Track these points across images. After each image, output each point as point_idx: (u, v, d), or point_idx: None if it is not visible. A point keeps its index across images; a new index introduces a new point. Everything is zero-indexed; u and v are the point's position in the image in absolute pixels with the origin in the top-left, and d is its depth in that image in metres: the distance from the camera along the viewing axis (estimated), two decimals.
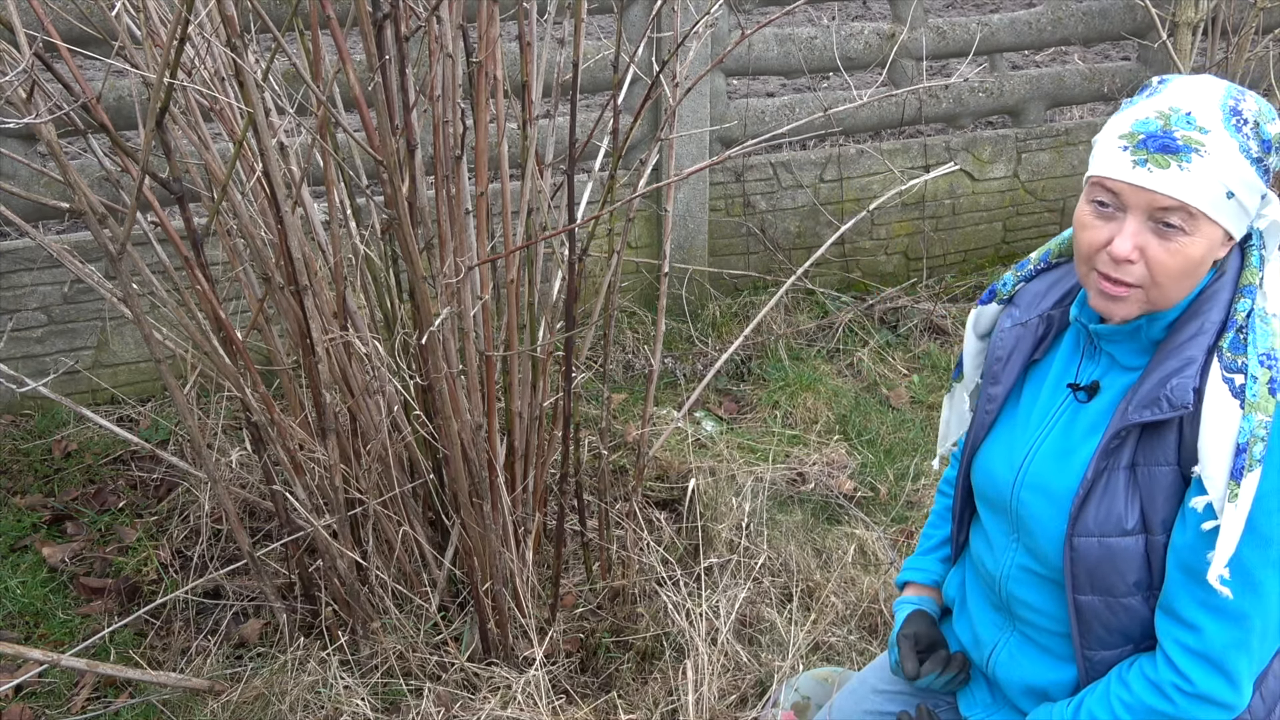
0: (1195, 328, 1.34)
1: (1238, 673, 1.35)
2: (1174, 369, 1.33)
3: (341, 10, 3.25)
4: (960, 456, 1.66)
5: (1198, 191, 1.28)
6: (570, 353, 2.21)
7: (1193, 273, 1.33)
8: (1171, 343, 1.36)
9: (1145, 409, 1.33)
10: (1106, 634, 1.44)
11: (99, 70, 5.16)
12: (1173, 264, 1.31)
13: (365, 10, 1.65)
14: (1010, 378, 1.54)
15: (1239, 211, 1.32)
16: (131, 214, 1.80)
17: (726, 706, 2.23)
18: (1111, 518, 1.37)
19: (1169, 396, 1.31)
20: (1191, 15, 4.15)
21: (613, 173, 2.18)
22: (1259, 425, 1.26)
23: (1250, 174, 1.31)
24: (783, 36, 4.05)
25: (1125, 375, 1.43)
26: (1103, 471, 1.38)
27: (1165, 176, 1.28)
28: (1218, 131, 1.29)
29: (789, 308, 4.16)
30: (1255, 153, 1.31)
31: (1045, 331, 1.53)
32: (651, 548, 2.51)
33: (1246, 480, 1.26)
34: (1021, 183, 4.67)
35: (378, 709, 2.19)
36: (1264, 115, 1.33)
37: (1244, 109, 1.31)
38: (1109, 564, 1.38)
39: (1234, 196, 1.30)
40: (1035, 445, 1.49)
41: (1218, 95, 1.32)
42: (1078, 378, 1.48)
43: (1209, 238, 1.31)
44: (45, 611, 2.63)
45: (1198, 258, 1.32)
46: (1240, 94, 1.33)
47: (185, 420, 2.11)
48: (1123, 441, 1.37)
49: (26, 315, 3.34)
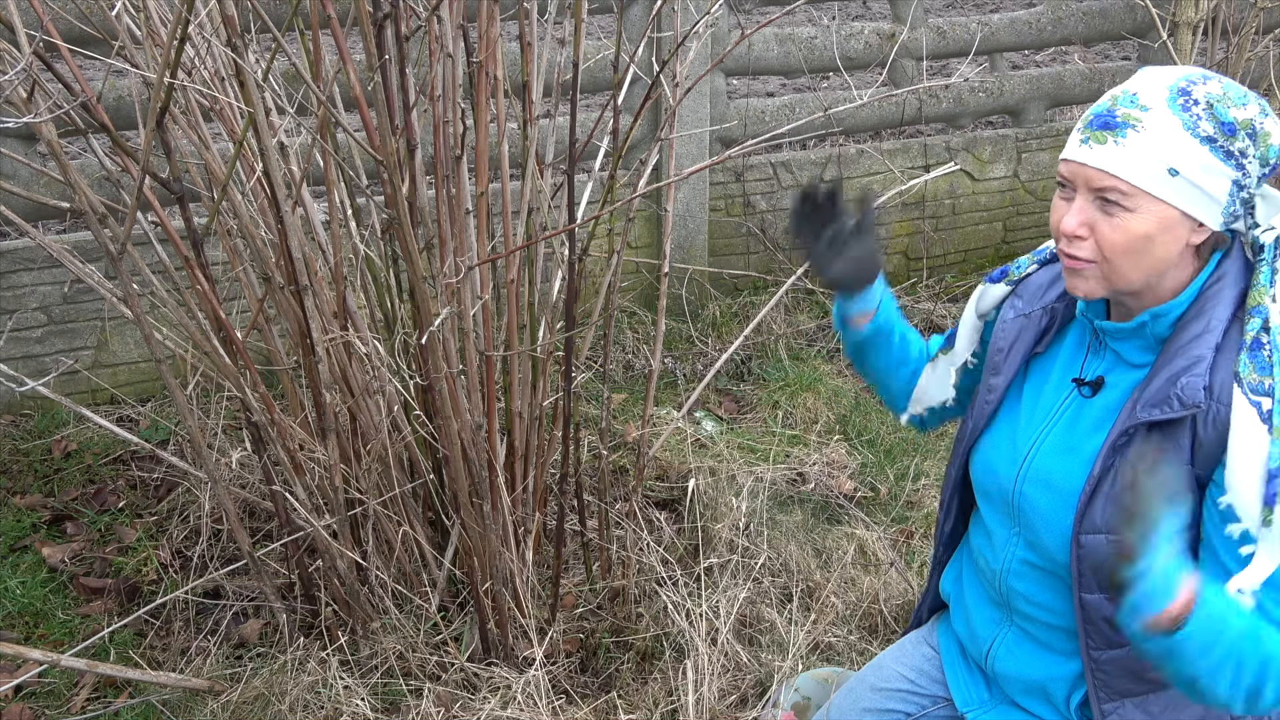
0: (1201, 325, 1.33)
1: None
2: (1183, 367, 1.32)
3: (342, 10, 3.25)
4: (955, 447, 1.66)
5: (1130, 166, 1.29)
6: (570, 353, 2.21)
7: (1144, 251, 1.32)
8: (1178, 340, 1.35)
9: (1154, 407, 1.32)
10: (1112, 632, 1.43)
11: (99, 70, 5.16)
12: (1117, 240, 1.31)
13: (365, 10, 1.65)
14: (1012, 369, 1.54)
15: (1194, 193, 1.29)
16: (132, 214, 1.80)
17: (726, 707, 2.23)
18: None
19: (1180, 395, 1.30)
20: (1191, 15, 4.15)
21: (613, 173, 2.18)
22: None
23: (1202, 153, 1.28)
24: (783, 36, 4.05)
25: (1131, 372, 1.42)
26: (1110, 468, 1.37)
27: (1101, 152, 1.30)
28: (1159, 109, 1.29)
29: (789, 308, 4.16)
30: (1207, 132, 1.28)
31: (1049, 324, 1.53)
32: (651, 548, 2.51)
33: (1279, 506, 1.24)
34: (1022, 183, 4.68)
35: (378, 709, 2.19)
36: (1226, 99, 1.29)
37: (1196, 90, 1.29)
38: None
39: (1179, 174, 1.28)
40: (1039, 439, 1.48)
41: (1171, 78, 1.31)
42: (1083, 372, 1.47)
43: (1157, 216, 1.30)
44: (45, 611, 2.63)
45: (1143, 234, 1.31)
46: (1203, 78, 1.31)
47: (185, 420, 2.11)
48: (1130, 439, 1.36)
49: (26, 315, 3.34)
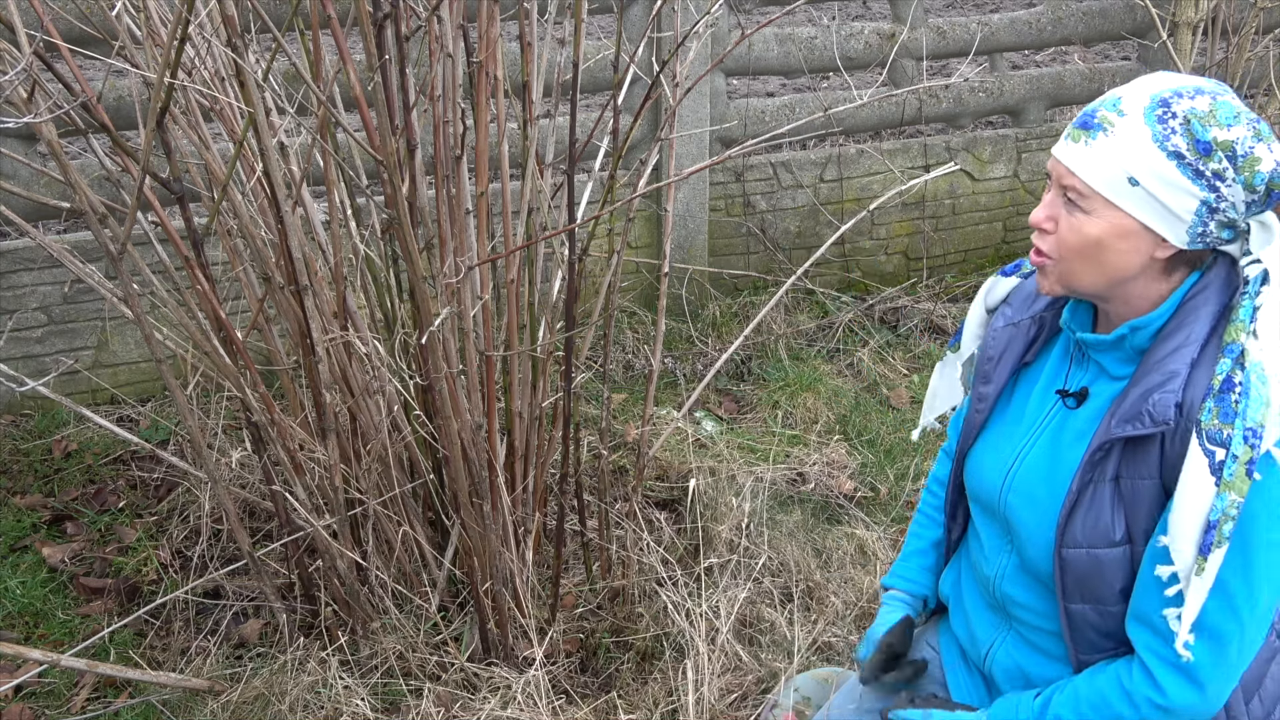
0: (1180, 339, 1.32)
1: (1213, 682, 1.33)
2: (1157, 383, 1.31)
3: (342, 10, 3.25)
4: (952, 453, 1.66)
5: (1090, 168, 1.29)
6: (570, 353, 2.21)
7: (1095, 256, 1.32)
8: (1155, 354, 1.34)
9: (1127, 423, 1.32)
10: (1099, 638, 1.44)
11: (99, 70, 5.16)
12: (1071, 240, 1.33)
13: (365, 10, 1.65)
14: (1001, 378, 1.54)
15: (1153, 206, 1.28)
16: (132, 214, 1.80)
17: (727, 706, 2.23)
18: (1099, 529, 1.36)
19: (1150, 411, 1.30)
20: (1191, 15, 4.15)
21: (613, 173, 2.18)
22: (1231, 505, 1.24)
23: (1166, 168, 1.26)
24: (783, 36, 4.05)
25: (1112, 384, 1.41)
26: (1088, 484, 1.37)
27: (1072, 150, 1.31)
28: (1133, 116, 1.28)
29: (789, 308, 4.16)
30: (1177, 148, 1.25)
31: (1037, 333, 1.53)
32: (651, 548, 2.51)
33: (1213, 555, 1.25)
34: (1021, 183, 4.68)
35: (378, 709, 2.19)
36: (1209, 118, 1.25)
37: (1179, 104, 1.26)
38: (1097, 574, 1.38)
39: (1139, 185, 1.27)
40: (1023, 451, 1.48)
41: (1161, 86, 1.29)
42: (1067, 384, 1.47)
43: (1111, 222, 1.30)
44: (45, 611, 2.63)
45: (1095, 238, 1.31)
46: (1195, 93, 1.27)
47: (185, 420, 2.11)
48: (1106, 454, 1.36)
49: (26, 315, 3.34)
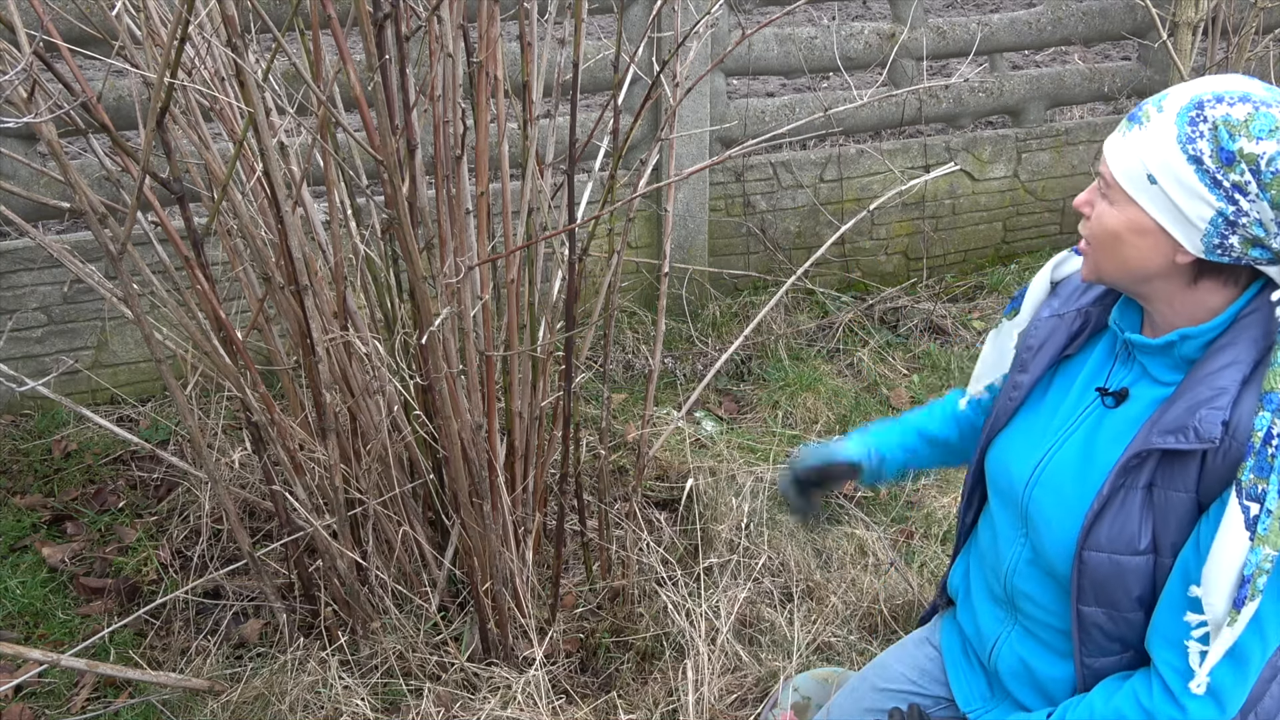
0: (1231, 356, 1.29)
1: (1233, 702, 1.33)
2: (1205, 398, 1.28)
3: (342, 10, 3.25)
4: (978, 438, 1.64)
5: (1119, 159, 1.30)
6: (570, 353, 2.21)
7: (1113, 248, 1.32)
8: (1207, 366, 1.31)
9: (1170, 435, 1.30)
10: (1106, 642, 1.43)
11: (99, 70, 5.16)
12: (1095, 227, 1.34)
13: (366, 10, 1.65)
14: (1039, 368, 1.52)
15: (1168, 208, 1.26)
16: (132, 214, 1.80)
17: (727, 706, 2.23)
18: (1124, 536, 1.35)
19: (1196, 427, 1.27)
20: (1192, 15, 4.15)
21: (613, 173, 2.18)
22: (1265, 559, 1.24)
23: (1185, 171, 1.24)
24: (783, 36, 4.05)
25: (1156, 388, 1.39)
26: (1120, 488, 1.35)
27: (1114, 138, 1.33)
28: (1168, 115, 1.26)
29: (789, 308, 4.16)
30: (1199, 153, 1.22)
31: (1081, 327, 1.51)
32: (651, 548, 2.51)
33: (1246, 609, 1.25)
34: (1021, 183, 4.67)
35: (378, 709, 2.19)
36: (1242, 127, 1.21)
37: (1213, 110, 1.23)
38: (1116, 580, 1.37)
39: (1156, 183, 1.26)
40: (1055, 446, 1.46)
41: (1206, 88, 1.27)
42: (1108, 382, 1.45)
43: (1128, 217, 1.30)
44: (45, 611, 2.63)
45: (1112, 229, 1.31)
46: (1238, 99, 1.23)
47: (185, 420, 2.11)
48: (1142, 462, 1.34)
49: (26, 315, 3.34)
